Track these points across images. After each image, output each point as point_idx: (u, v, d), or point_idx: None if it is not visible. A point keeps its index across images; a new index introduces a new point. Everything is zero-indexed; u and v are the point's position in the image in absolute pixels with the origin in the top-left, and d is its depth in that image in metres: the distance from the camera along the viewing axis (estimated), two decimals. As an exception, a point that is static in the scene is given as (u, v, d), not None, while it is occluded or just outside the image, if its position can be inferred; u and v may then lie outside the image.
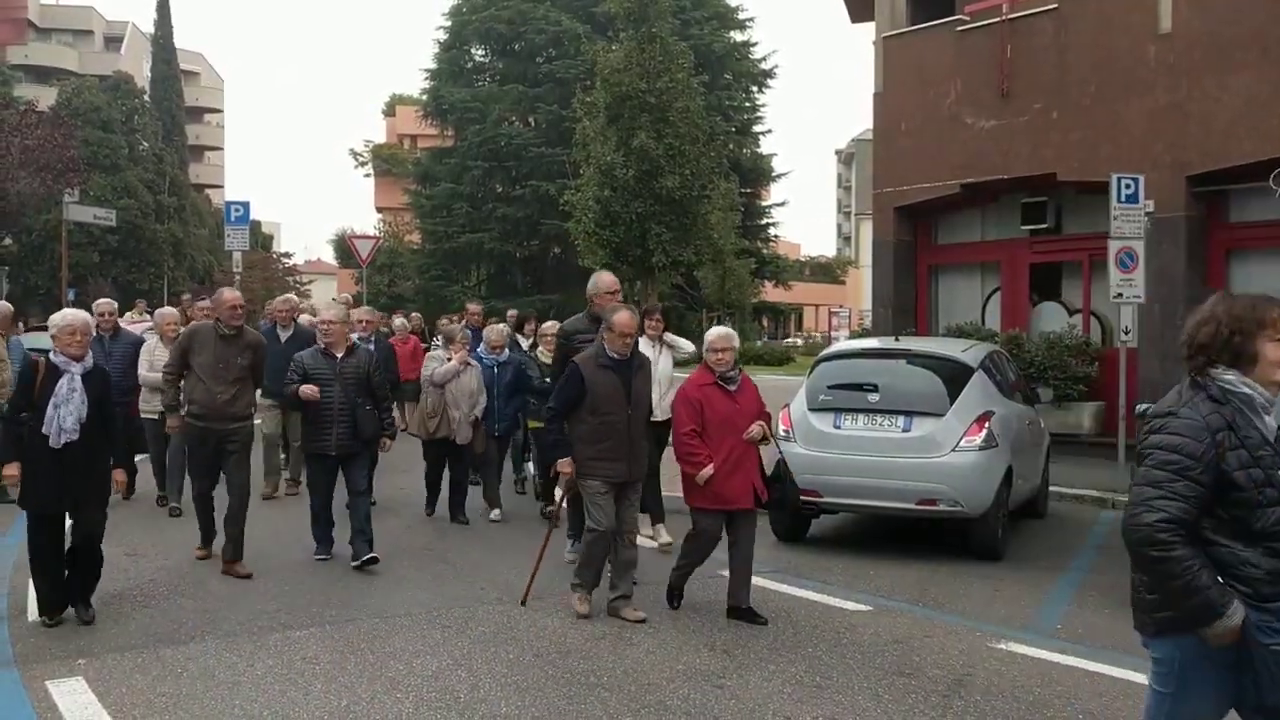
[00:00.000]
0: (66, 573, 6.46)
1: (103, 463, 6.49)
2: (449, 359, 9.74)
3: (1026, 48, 14.90)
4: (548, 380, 9.06)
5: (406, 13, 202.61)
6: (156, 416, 9.47)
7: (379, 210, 63.01)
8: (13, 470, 6.25)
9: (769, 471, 7.06)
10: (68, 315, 6.60)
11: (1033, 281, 15.68)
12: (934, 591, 7.53)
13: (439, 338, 12.71)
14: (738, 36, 41.67)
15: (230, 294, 8.01)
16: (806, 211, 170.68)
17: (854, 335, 32.30)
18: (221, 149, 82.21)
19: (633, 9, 19.22)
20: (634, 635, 6.34)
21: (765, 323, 59.99)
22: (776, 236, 47.64)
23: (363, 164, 61.45)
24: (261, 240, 60.36)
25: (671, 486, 7.94)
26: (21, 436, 6.25)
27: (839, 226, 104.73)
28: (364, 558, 7.67)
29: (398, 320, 16.14)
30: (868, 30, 18.43)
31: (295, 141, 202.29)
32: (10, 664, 5.65)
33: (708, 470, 6.49)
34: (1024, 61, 14.88)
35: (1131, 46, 13.87)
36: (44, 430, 6.15)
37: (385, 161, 59.58)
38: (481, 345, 10.26)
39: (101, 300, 10.70)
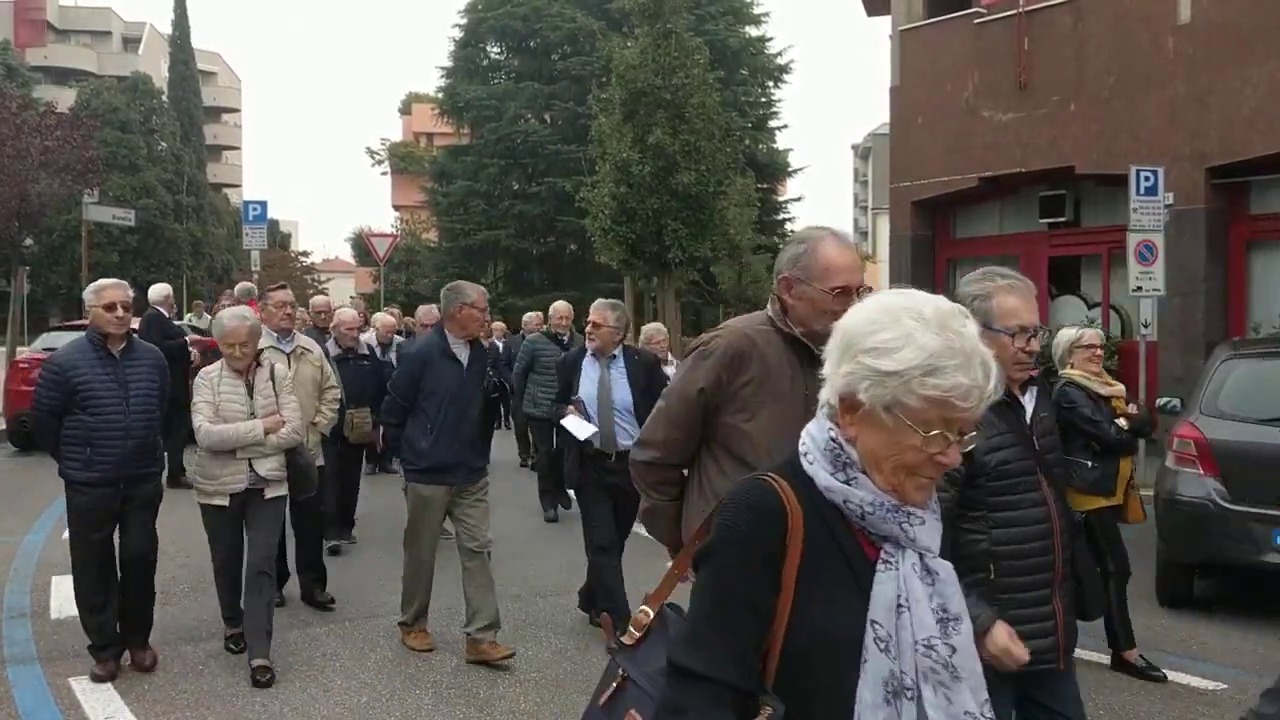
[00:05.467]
0: None
1: None
2: None
3: (1044, 40, 14.82)
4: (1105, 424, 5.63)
5: (422, 11, 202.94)
6: (226, 502, 5.52)
7: (396, 208, 63.13)
8: None
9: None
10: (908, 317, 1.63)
11: (1051, 275, 15.60)
12: (953, 587, 7.50)
13: None
14: (753, 31, 41.52)
15: None
16: (823, 206, 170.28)
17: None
18: (239, 148, 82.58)
19: (648, 5, 19.20)
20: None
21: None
22: (793, 232, 47.56)
23: (379, 162, 61.48)
24: (279, 239, 60.64)
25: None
26: None
27: (856, 221, 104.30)
28: None
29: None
30: (884, 24, 18.38)
31: (312, 140, 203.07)
32: (34, 661, 5.69)
33: None
34: (1041, 54, 14.81)
35: (1150, 38, 13.78)
36: None
37: (402, 159, 59.64)
38: None
39: (108, 283, 5.52)
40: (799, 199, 73.19)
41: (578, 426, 6.05)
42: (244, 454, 5.48)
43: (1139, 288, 11.72)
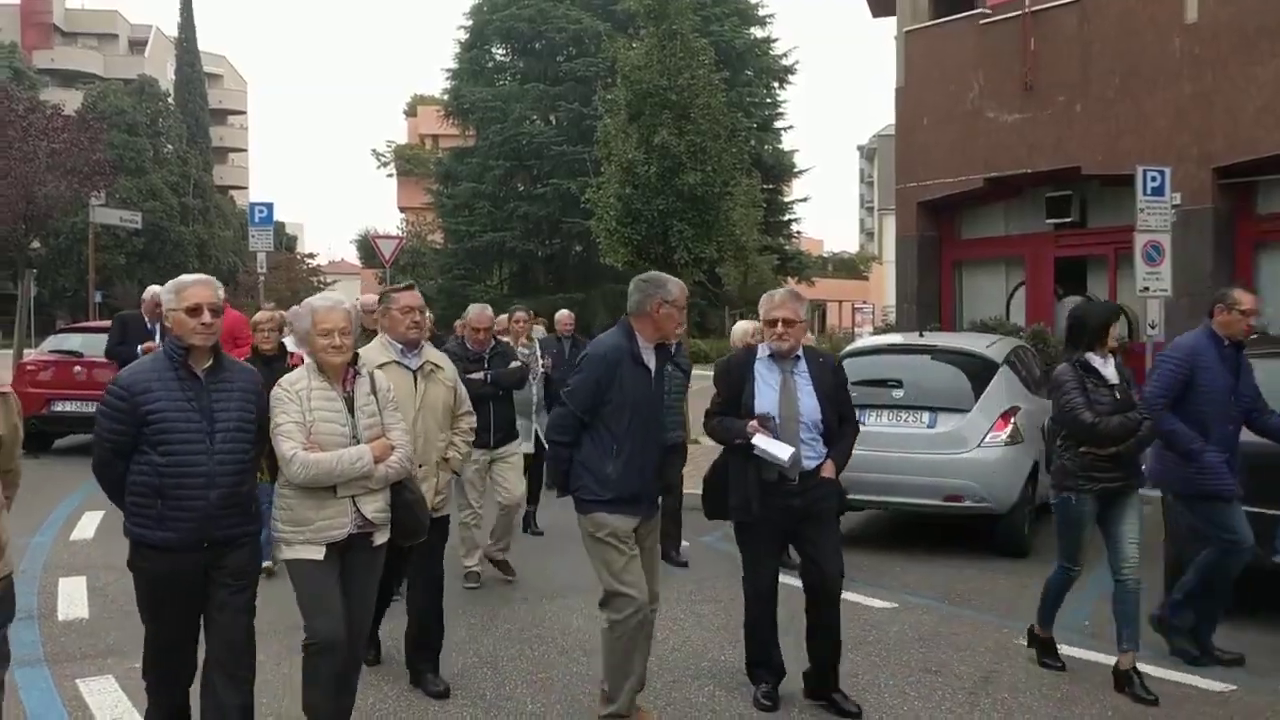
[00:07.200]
0: None
1: None
2: None
3: (1050, 40, 14.80)
4: None
5: (427, 13, 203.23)
6: (320, 554, 4.22)
7: (402, 210, 63.27)
8: None
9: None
10: None
11: (1057, 276, 15.58)
12: (960, 588, 7.50)
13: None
14: (758, 32, 41.59)
15: None
16: (829, 208, 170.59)
17: (877, 331, 32.17)
18: (245, 150, 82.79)
19: (653, 6, 19.16)
20: (659, 633, 6.32)
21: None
22: (799, 233, 47.55)
23: (385, 164, 61.70)
24: (285, 241, 60.73)
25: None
26: None
27: (861, 222, 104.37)
28: None
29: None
30: (889, 25, 18.37)
31: (318, 142, 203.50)
32: (41, 663, 5.70)
33: None
34: (1047, 54, 14.78)
35: (1156, 37, 13.75)
36: None
37: (407, 161, 59.81)
38: None
39: (191, 280, 4.12)
40: (805, 200, 73.15)
41: (775, 448, 4.90)
42: (345, 491, 4.17)
43: (1146, 288, 11.68)
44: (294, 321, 4.48)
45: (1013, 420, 8.29)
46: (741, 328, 8.33)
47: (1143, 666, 5.43)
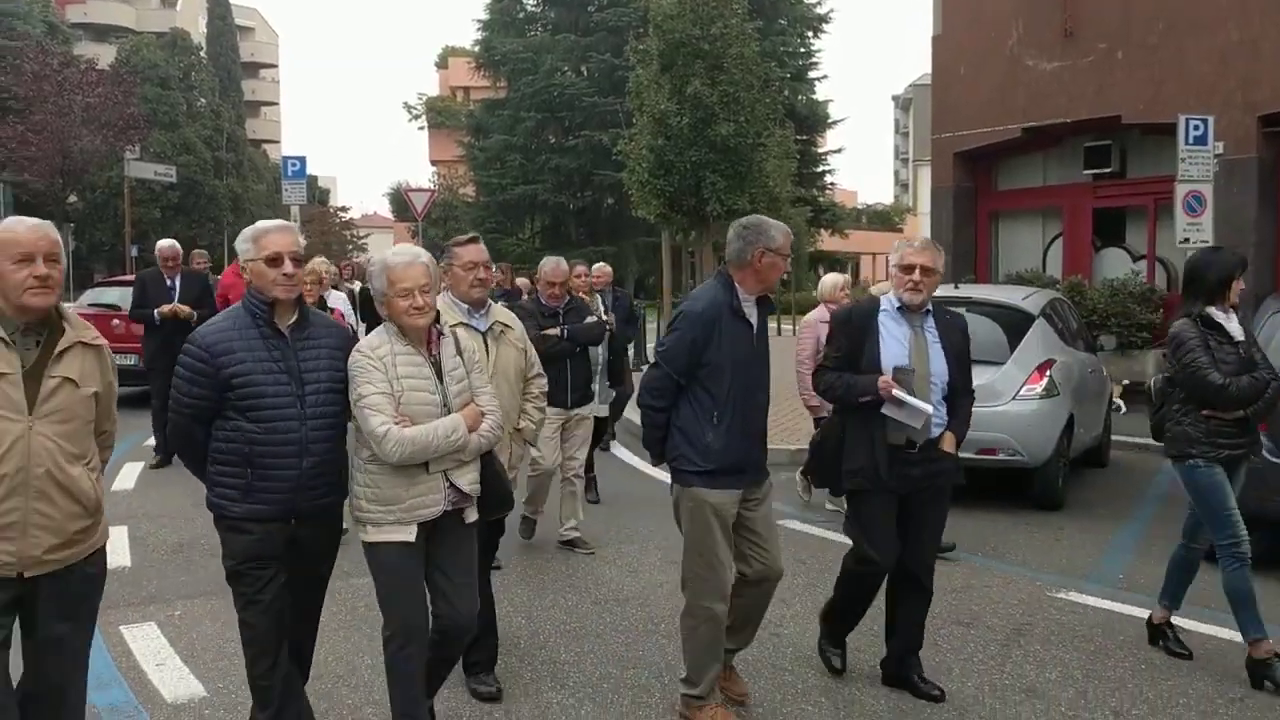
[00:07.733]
0: None
1: None
2: None
3: (1091, -15, 14.48)
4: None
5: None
6: (413, 536, 3.82)
7: (433, 163, 63.26)
8: None
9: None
10: None
11: (1095, 227, 15.37)
12: (993, 541, 7.49)
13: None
14: (792, -20, 40.99)
15: None
16: (863, 159, 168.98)
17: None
18: (277, 104, 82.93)
19: (685, -45, 18.94)
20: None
21: (822, 271, 59.50)
22: (833, 184, 47.15)
23: (416, 117, 61.64)
24: (318, 195, 60.94)
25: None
26: None
27: (896, 173, 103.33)
28: None
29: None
30: (926, -29, 18.03)
31: (350, 95, 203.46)
32: (86, 610, 5.81)
33: None
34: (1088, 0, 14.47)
35: (1201, -18, 13.42)
36: None
37: (439, 114, 59.72)
38: None
39: (270, 226, 3.83)
40: (839, 151, 72.38)
41: (912, 405, 4.48)
42: (437, 465, 3.74)
43: (1186, 240, 11.49)
44: (369, 282, 4.19)
45: (1048, 373, 8.23)
46: (832, 280, 8.24)
47: (1175, 620, 5.41)
